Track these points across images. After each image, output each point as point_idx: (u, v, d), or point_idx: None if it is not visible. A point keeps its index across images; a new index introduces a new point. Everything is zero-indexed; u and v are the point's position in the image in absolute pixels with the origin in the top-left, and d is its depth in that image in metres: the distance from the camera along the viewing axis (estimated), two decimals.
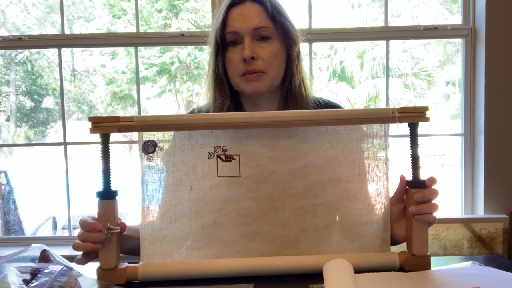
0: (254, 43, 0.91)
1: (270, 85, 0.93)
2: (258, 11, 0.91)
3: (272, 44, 0.92)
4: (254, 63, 0.90)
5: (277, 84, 0.96)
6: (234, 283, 0.72)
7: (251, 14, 0.90)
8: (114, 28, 9.37)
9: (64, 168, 2.15)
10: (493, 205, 1.99)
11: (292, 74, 0.96)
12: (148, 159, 0.76)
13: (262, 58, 0.91)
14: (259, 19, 0.90)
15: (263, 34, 0.91)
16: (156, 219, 0.77)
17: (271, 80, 0.93)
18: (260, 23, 0.90)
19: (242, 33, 0.91)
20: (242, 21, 0.90)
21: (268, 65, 0.91)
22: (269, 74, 0.92)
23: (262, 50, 0.91)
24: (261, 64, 0.91)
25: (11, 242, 2.23)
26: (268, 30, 0.91)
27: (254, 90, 0.92)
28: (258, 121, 0.74)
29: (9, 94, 10.50)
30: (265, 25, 0.90)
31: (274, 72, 0.93)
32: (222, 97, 0.96)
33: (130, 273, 0.74)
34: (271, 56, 0.91)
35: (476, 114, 2.04)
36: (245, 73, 0.91)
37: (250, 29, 0.90)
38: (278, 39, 0.93)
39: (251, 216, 0.78)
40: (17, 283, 0.64)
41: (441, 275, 0.71)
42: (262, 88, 0.92)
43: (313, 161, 0.77)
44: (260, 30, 0.90)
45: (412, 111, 0.73)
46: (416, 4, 10.12)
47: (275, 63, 0.92)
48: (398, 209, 0.79)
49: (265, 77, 0.92)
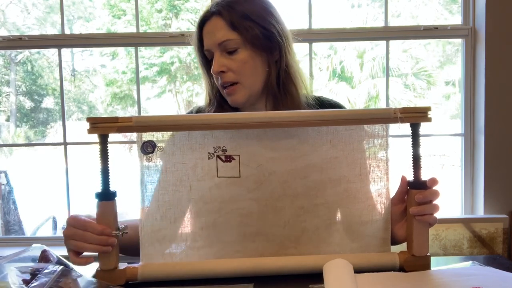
0: (223, 57, 0.91)
1: (249, 93, 0.94)
2: (220, 25, 0.91)
3: (239, 53, 0.91)
4: (225, 75, 0.92)
5: (257, 90, 0.95)
6: (234, 283, 0.72)
7: (214, 29, 0.91)
8: (114, 28, 9.38)
9: (64, 168, 2.15)
10: (493, 205, 1.99)
11: (276, 74, 0.94)
12: (147, 159, 0.76)
13: (232, 70, 0.91)
14: (221, 34, 0.90)
15: (228, 47, 0.91)
16: (156, 219, 0.77)
17: (247, 89, 0.93)
18: (222, 37, 0.90)
19: (211, 49, 0.92)
20: (209, 38, 0.92)
21: (239, 75, 0.92)
22: (243, 83, 0.92)
23: (231, 62, 0.91)
24: (232, 75, 0.92)
25: (11, 242, 2.23)
26: (231, 42, 0.90)
27: (234, 103, 0.94)
28: (258, 121, 0.74)
29: (9, 94, 10.51)
30: (227, 38, 0.90)
31: (248, 80, 0.93)
32: (217, 108, 0.99)
33: (130, 274, 0.73)
34: (239, 66, 0.91)
35: (476, 114, 2.04)
36: (222, 86, 0.94)
37: (215, 44, 0.91)
38: (246, 47, 0.91)
39: (251, 217, 0.78)
40: (17, 283, 0.64)
41: (441, 275, 0.71)
42: (240, 99, 0.93)
43: (313, 161, 0.77)
44: (225, 44, 0.90)
45: (414, 111, 0.73)
46: (416, 4, 10.13)
47: (245, 71, 0.92)
48: (399, 209, 0.79)
49: (239, 87, 0.92)
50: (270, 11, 0.94)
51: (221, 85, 0.94)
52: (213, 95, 1.00)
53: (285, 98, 0.95)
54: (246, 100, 0.94)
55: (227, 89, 0.93)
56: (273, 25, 0.93)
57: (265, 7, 0.94)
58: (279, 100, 0.95)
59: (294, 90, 0.96)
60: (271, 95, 0.96)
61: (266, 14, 0.93)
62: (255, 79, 0.94)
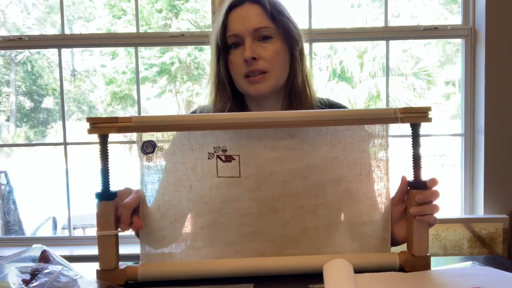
0: (255, 44, 0.90)
1: (274, 85, 0.93)
2: (257, 12, 0.91)
3: (273, 43, 0.91)
4: (256, 63, 0.90)
5: (281, 84, 0.95)
6: (234, 283, 0.72)
7: (250, 15, 0.90)
8: (114, 28, 9.37)
9: (64, 168, 2.15)
10: (493, 205, 1.99)
11: (295, 73, 0.95)
12: (147, 159, 0.76)
13: (264, 58, 0.90)
14: (259, 20, 0.90)
15: (264, 34, 0.90)
16: (156, 219, 0.77)
17: (274, 80, 0.92)
18: (260, 23, 0.90)
19: (242, 34, 0.90)
20: (241, 23, 0.91)
21: (270, 64, 0.91)
22: (272, 74, 0.92)
23: (263, 50, 0.90)
24: (263, 63, 0.90)
25: (11, 242, 2.23)
26: (268, 29, 0.90)
27: (258, 92, 0.92)
28: (258, 122, 0.74)
29: (9, 94, 10.51)
30: (265, 25, 0.90)
31: (277, 71, 0.92)
32: (223, 100, 0.96)
33: (130, 274, 0.73)
34: (272, 55, 0.91)
35: (476, 114, 2.04)
36: (247, 75, 0.91)
37: (250, 30, 0.90)
38: (279, 38, 0.92)
39: (251, 216, 0.78)
40: (17, 283, 0.64)
41: (441, 275, 0.71)
42: (265, 89, 0.92)
43: (313, 161, 0.77)
44: (260, 30, 0.90)
45: (414, 111, 0.73)
46: (416, 4, 10.13)
47: (277, 62, 0.92)
48: (399, 210, 0.79)
49: (268, 77, 0.91)
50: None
51: (246, 73, 0.91)
52: (222, 88, 0.95)
53: (300, 98, 0.95)
54: (271, 92, 0.93)
55: (254, 77, 0.91)
56: (296, 26, 0.95)
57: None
58: (294, 99, 0.95)
59: (308, 90, 0.97)
60: (288, 92, 0.96)
61: (290, 14, 0.95)
62: (282, 72, 0.94)
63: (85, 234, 4.86)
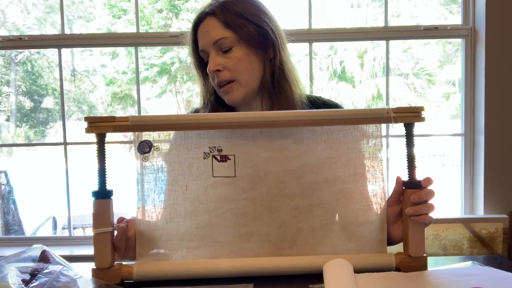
0: (219, 56, 0.92)
1: (246, 91, 0.94)
2: (214, 24, 0.91)
3: (234, 51, 0.92)
4: (221, 74, 0.92)
5: (254, 87, 0.95)
6: (234, 283, 0.72)
7: (209, 29, 0.92)
8: (114, 28, 9.38)
9: (64, 168, 2.15)
10: (493, 205, 1.99)
11: (271, 72, 0.95)
12: (143, 159, 0.76)
13: (227, 68, 0.92)
14: (215, 33, 0.91)
15: (223, 46, 0.91)
16: (152, 219, 0.77)
17: (243, 87, 0.93)
18: (217, 35, 0.91)
19: (207, 49, 0.93)
20: (203, 38, 0.93)
21: (235, 72, 0.92)
22: (240, 81, 0.93)
23: (226, 60, 0.92)
24: (228, 73, 0.92)
25: (11, 242, 2.23)
26: (226, 40, 0.91)
27: (231, 101, 0.94)
28: (253, 121, 0.74)
29: (9, 94, 10.51)
30: (221, 36, 0.90)
31: (244, 77, 0.93)
32: (206, 107, 1.00)
33: (125, 273, 0.73)
34: (235, 63, 0.92)
35: (476, 114, 2.04)
36: (218, 85, 0.94)
37: (211, 44, 0.92)
38: (242, 44, 0.92)
39: (247, 216, 0.77)
40: (17, 283, 0.64)
41: (441, 275, 0.71)
42: (237, 97, 0.93)
43: (308, 161, 0.77)
44: (219, 43, 0.91)
45: (407, 111, 0.73)
46: (416, 4, 10.13)
47: (241, 69, 0.92)
48: (395, 210, 0.78)
49: (236, 85, 0.93)
50: (263, 10, 0.95)
51: (217, 84, 0.94)
52: (207, 97, 1.01)
53: (280, 96, 0.95)
54: (243, 98, 0.94)
55: (223, 88, 0.93)
56: (266, 23, 0.94)
57: (257, 6, 0.95)
58: (274, 99, 0.95)
59: (288, 88, 0.96)
60: (267, 93, 0.96)
61: (259, 12, 0.94)
62: (251, 77, 0.94)
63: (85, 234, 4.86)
